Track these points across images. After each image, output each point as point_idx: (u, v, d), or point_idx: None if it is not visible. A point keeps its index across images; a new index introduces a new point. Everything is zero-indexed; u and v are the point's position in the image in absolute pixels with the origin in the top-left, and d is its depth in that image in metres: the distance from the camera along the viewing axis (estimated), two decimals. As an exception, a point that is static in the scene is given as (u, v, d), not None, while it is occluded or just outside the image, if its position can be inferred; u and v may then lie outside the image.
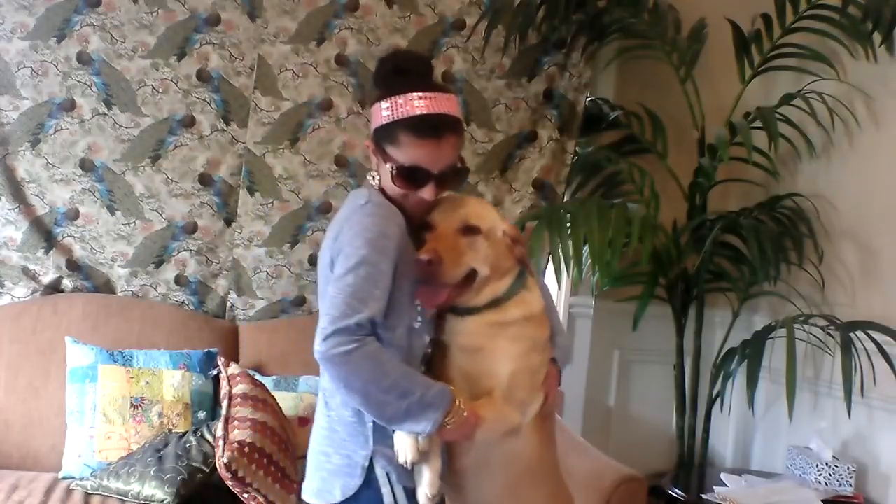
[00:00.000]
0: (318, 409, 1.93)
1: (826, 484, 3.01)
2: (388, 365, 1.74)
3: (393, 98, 1.84)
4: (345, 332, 1.71)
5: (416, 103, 1.83)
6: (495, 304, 1.90)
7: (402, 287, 1.82)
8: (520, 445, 1.94)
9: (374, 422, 1.81)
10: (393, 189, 1.87)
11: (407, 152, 1.83)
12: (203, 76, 3.27)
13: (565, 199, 3.63)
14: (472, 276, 1.87)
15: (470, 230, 1.88)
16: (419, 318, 1.87)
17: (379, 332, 1.78)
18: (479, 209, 1.94)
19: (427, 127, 1.83)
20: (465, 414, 1.79)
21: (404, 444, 1.79)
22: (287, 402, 2.99)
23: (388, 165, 1.85)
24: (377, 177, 1.92)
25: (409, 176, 1.85)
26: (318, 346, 1.73)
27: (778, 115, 3.29)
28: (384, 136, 1.86)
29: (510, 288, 1.92)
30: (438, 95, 1.85)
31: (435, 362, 1.91)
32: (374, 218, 1.82)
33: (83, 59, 3.17)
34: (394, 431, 1.80)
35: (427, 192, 1.86)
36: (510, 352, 1.89)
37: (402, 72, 1.88)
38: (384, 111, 1.85)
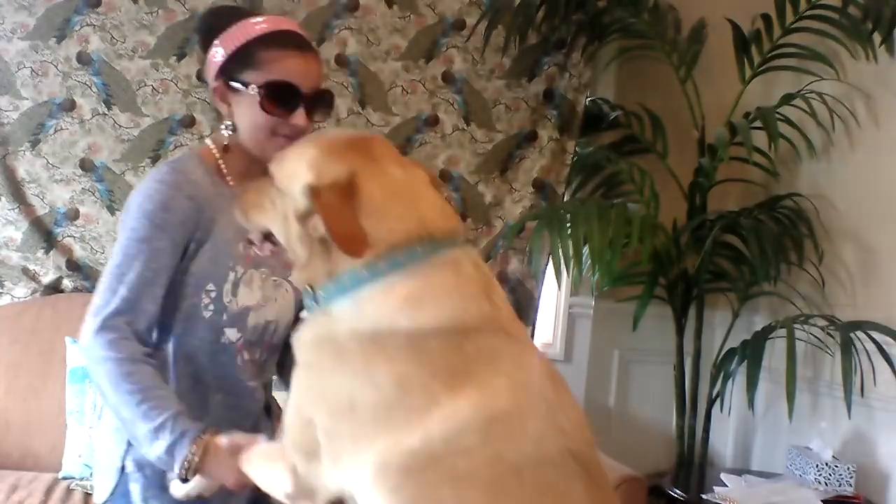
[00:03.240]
0: None
1: (826, 484, 3.01)
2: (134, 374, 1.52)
3: (229, 32, 1.62)
4: (109, 323, 1.53)
5: (260, 20, 1.63)
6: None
7: (200, 274, 1.59)
8: None
9: None
10: (256, 128, 1.61)
11: (272, 69, 1.59)
12: (203, 76, 3.27)
13: (565, 199, 3.63)
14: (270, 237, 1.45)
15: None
16: (212, 309, 1.61)
17: (156, 335, 1.60)
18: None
19: (286, 38, 1.63)
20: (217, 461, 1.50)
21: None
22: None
23: (252, 89, 1.59)
24: (229, 125, 1.65)
25: (280, 95, 1.58)
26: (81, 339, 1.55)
27: (778, 115, 3.28)
28: (237, 64, 1.61)
29: (352, 277, 1.27)
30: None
31: None
32: (161, 185, 1.57)
33: (83, 59, 3.17)
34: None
35: (300, 118, 1.60)
36: (327, 376, 1.32)
37: (229, 15, 1.69)
38: (227, 46, 1.61)
